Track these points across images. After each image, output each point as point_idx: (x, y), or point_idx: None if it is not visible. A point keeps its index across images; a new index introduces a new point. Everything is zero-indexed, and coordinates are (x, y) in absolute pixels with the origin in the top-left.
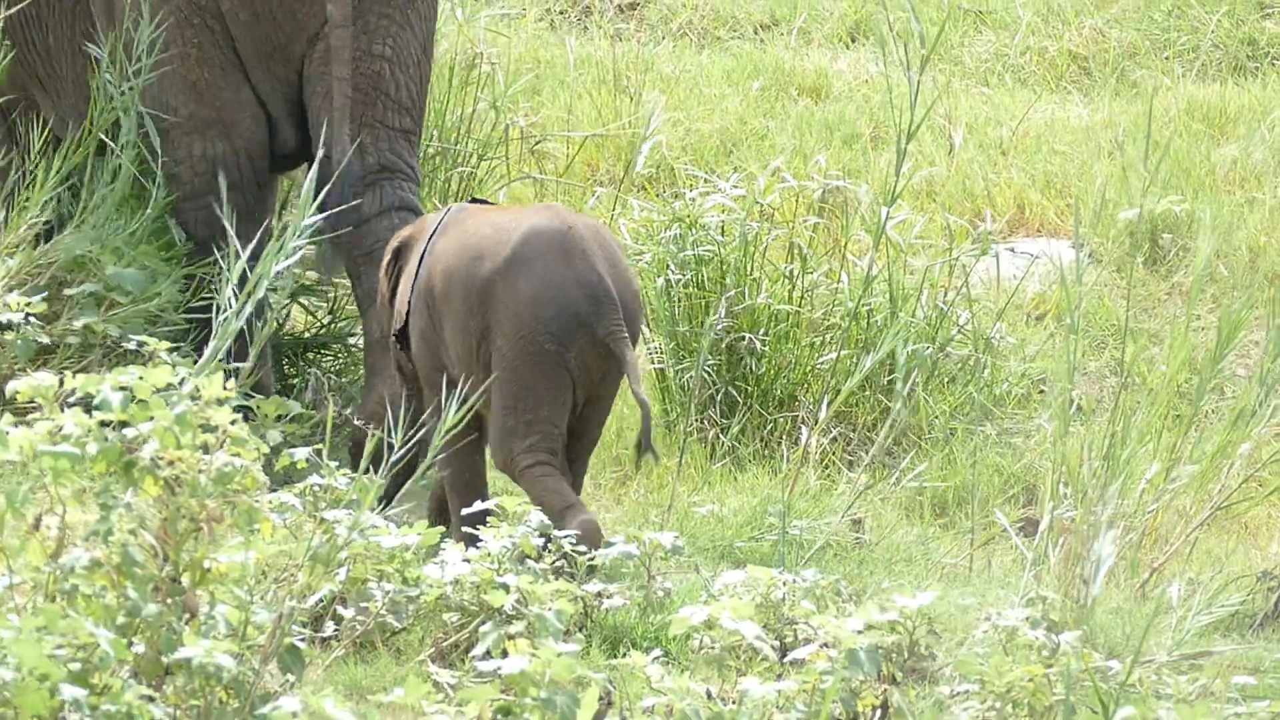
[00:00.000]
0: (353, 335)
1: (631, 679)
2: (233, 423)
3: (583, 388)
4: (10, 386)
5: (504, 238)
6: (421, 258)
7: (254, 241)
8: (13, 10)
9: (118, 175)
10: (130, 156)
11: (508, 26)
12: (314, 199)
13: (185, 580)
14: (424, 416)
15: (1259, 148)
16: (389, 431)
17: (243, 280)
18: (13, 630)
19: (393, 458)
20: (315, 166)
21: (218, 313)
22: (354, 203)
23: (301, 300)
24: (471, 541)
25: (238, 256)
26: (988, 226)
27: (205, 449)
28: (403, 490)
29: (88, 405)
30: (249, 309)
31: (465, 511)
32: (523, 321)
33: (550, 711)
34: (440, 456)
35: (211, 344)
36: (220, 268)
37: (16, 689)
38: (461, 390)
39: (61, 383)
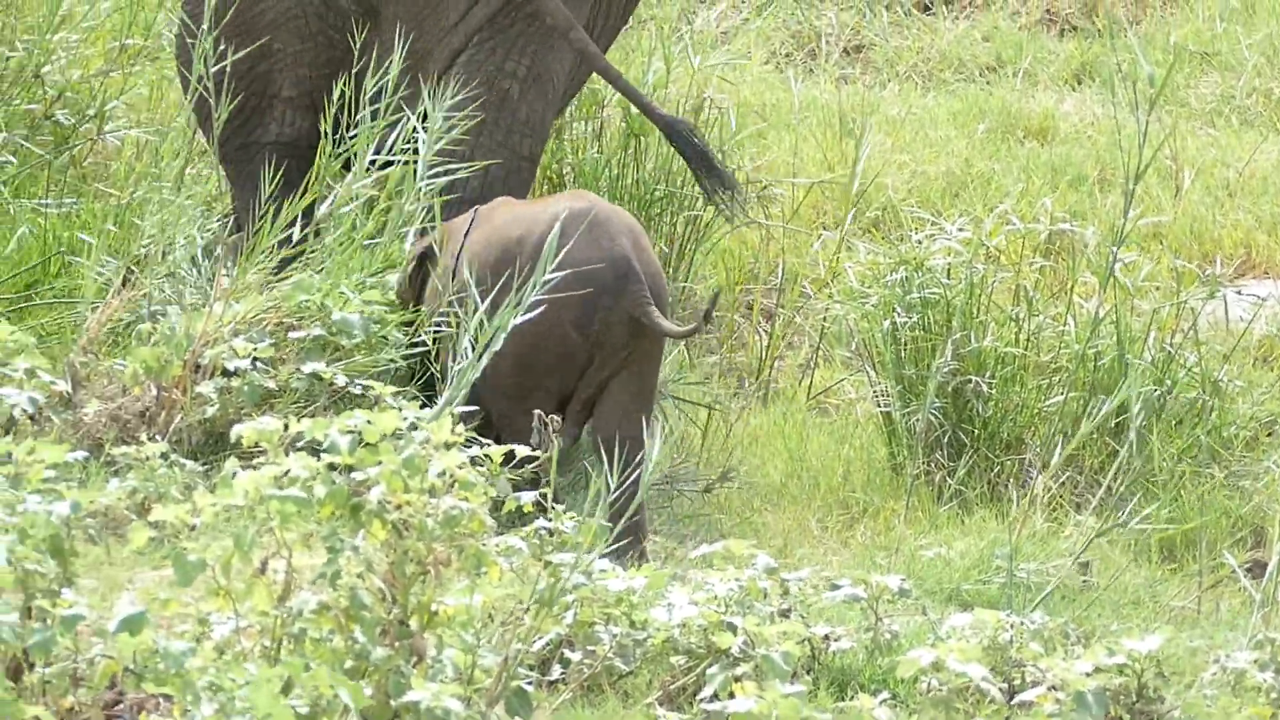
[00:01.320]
0: None
1: None
2: (460, 467)
3: (608, 362)
4: (236, 430)
5: (530, 223)
6: (457, 256)
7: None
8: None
9: (344, 220)
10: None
11: (734, 70)
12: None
13: (413, 623)
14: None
15: None
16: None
17: None
18: (250, 679)
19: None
20: None
21: (454, 360)
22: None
23: None
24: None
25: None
26: (1216, 269)
27: (432, 492)
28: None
29: (314, 449)
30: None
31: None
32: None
33: None
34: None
35: (447, 392)
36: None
37: None
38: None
39: (287, 427)
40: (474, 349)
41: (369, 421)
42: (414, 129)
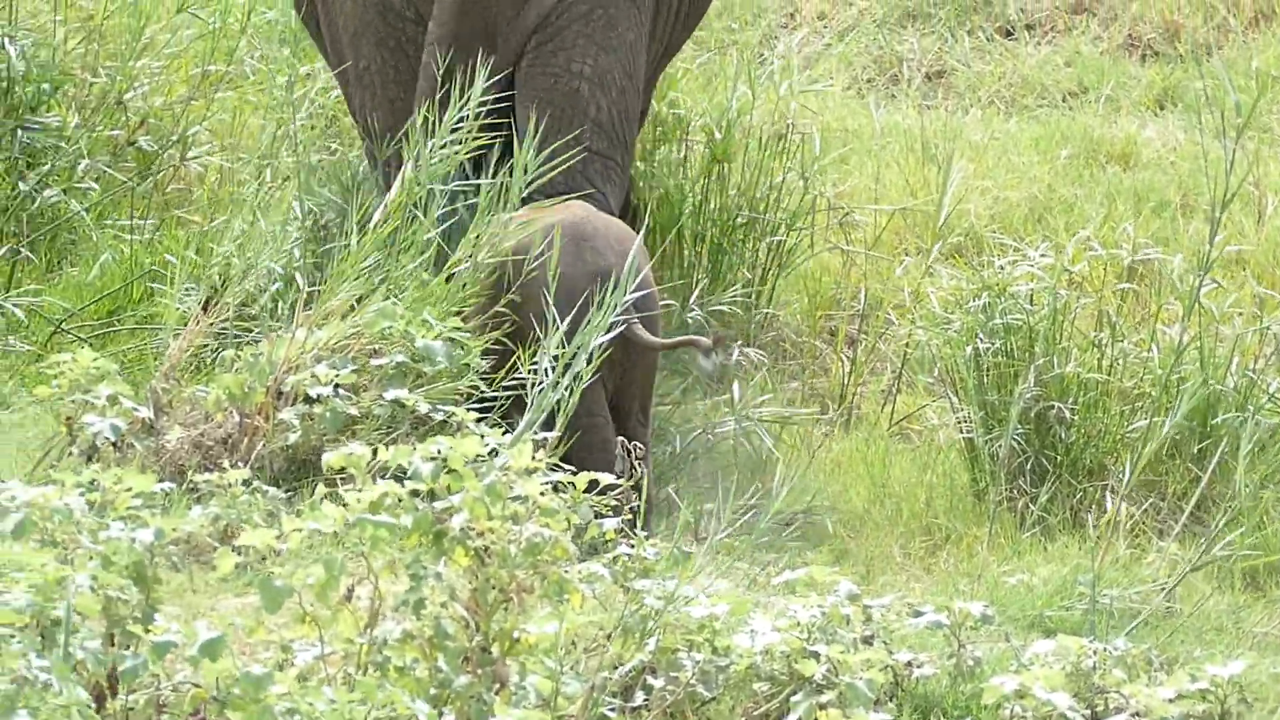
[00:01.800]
0: (668, 402)
1: None
2: (542, 493)
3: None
4: (326, 459)
5: (522, 236)
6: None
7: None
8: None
9: (427, 246)
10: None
11: (816, 96)
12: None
13: (495, 651)
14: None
15: None
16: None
17: None
18: (329, 703)
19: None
20: None
21: (532, 385)
22: None
23: None
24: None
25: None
26: None
27: (515, 519)
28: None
29: (397, 477)
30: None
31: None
32: (536, 310)
33: None
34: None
35: (527, 416)
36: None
37: None
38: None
39: (375, 453)
40: (553, 370)
41: (452, 447)
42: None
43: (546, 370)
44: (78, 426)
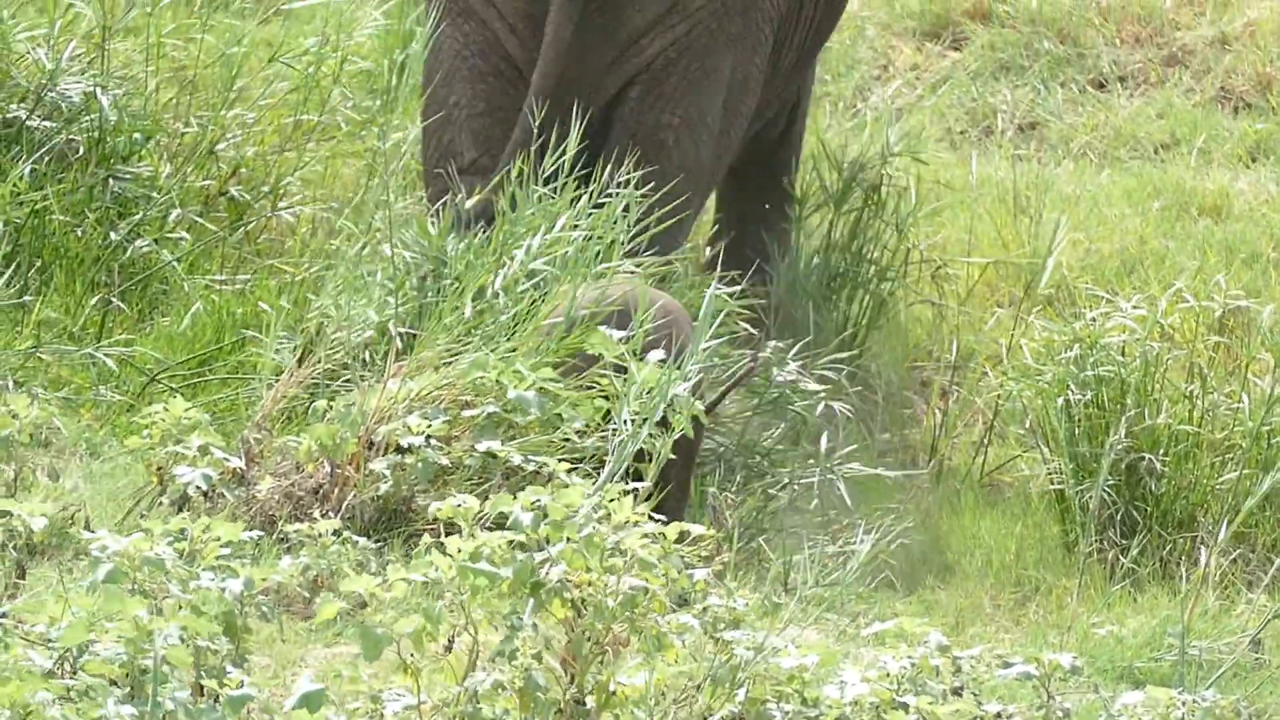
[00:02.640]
0: (757, 453)
1: None
2: (640, 545)
3: None
4: (433, 509)
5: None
6: None
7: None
8: None
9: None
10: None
11: (910, 147)
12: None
13: (590, 703)
14: None
15: None
16: None
17: None
18: None
19: None
20: None
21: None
22: None
23: None
24: None
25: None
26: None
27: (612, 571)
28: None
29: (490, 529)
30: (645, 432)
31: None
32: None
33: None
34: None
35: (608, 466)
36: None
37: None
38: None
39: (482, 504)
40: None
41: (554, 498)
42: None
43: (627, 421)
44: (169, 477)
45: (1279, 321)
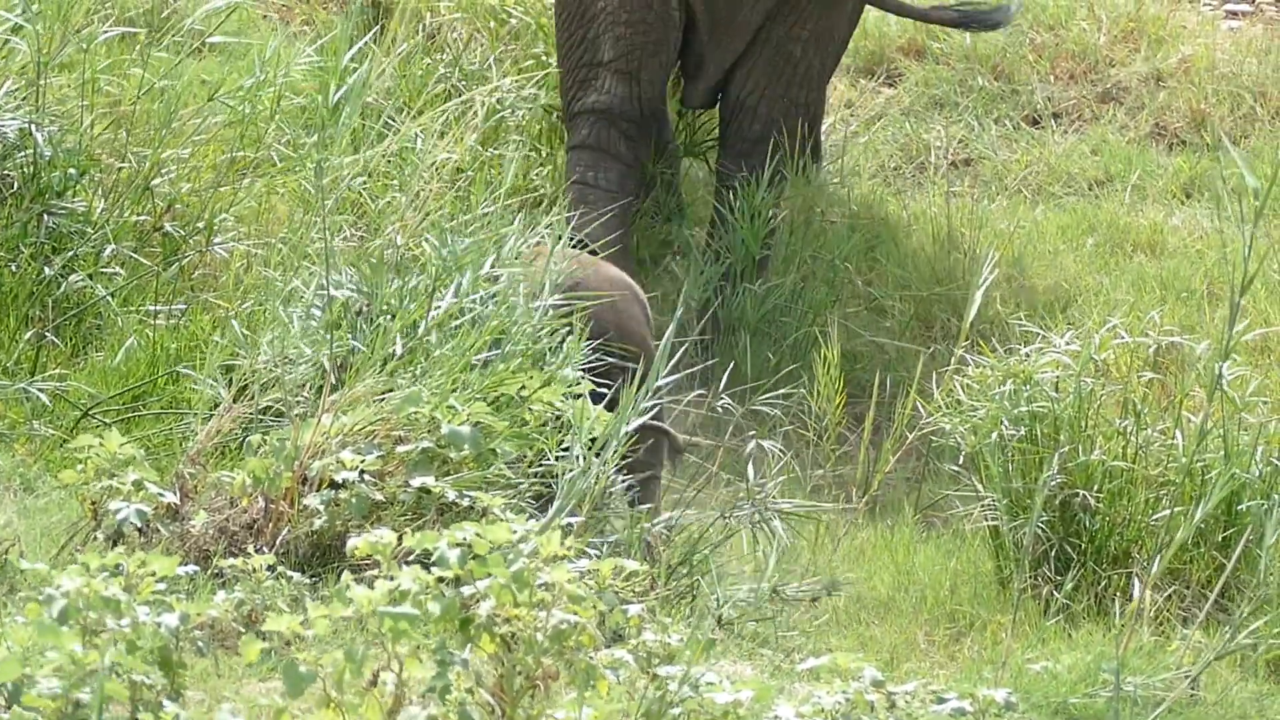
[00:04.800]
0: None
1: None
2: (569, 580)
3: None
4: (350, 544)
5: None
6: None
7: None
8: None
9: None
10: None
11: (842, 184)
12: None
13: None
14: None
15: None
16: None
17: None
18: None
19: None
20: None
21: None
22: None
23: None
24: None
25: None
26: None
27: (541, 606)
28: None
29: (423, 562)
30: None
31: None
32: None
33: None
34: None
35: (556, 503)
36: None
37: None
38: None
39: (400, 540)
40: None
41: (479, 534)
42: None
43: (578, 456)
44: (103, 511)
45: (1213, 357)
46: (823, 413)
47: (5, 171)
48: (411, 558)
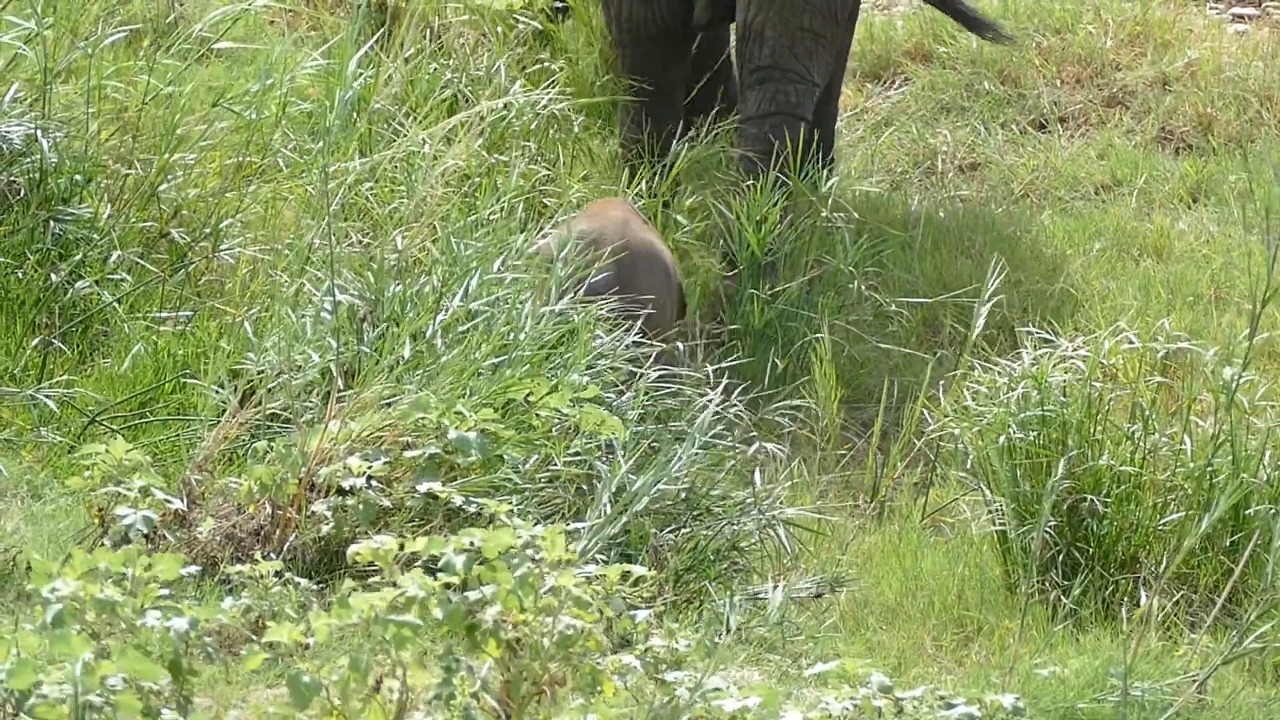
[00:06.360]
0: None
1: None
2: (575, 585)
3: None
4: (352, 550)
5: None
6: None
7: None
8: None
9: (462, 339)
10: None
11: (849, 188)
12: None
13: None
14: None
15: None
16: None
17: None
18: None
19: None
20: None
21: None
22: None
23: None
24: None
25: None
26: None
27: (547, 611)
28: None
29: (429, 568)
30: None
31: None
32: None
33: None
34: None
35: (590, 517)
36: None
37: None
38: None
39: (403, 546)
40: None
41: (485, 540)
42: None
43: (605, 506)
44: (110, 518)
45: (1221, 362)
46: (826, 418)
47: (12, 178)
48: (419, 563)
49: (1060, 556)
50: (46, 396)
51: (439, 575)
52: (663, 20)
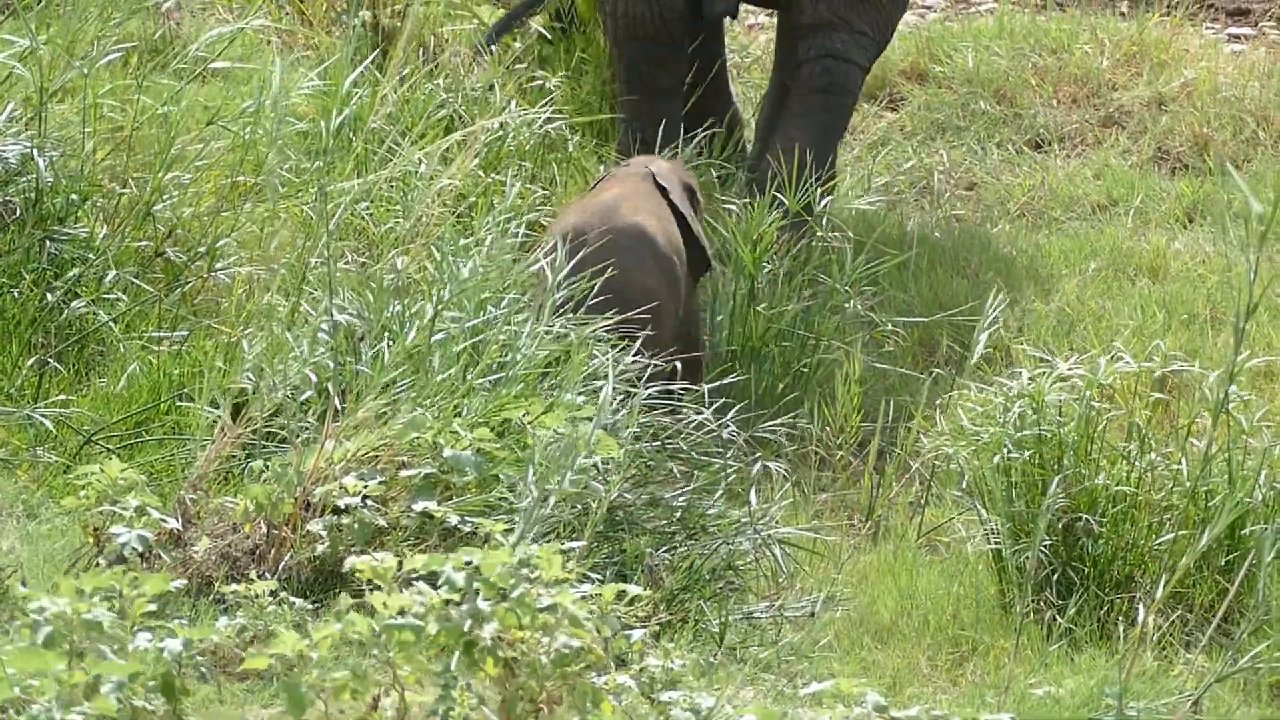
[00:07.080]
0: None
1: None
2: (572, 603)
3: None
4: (349, 563)
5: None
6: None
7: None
8: None
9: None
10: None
11: (848, 208)
12: None
13: None
14: None
15: None
16: None
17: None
18: None
19: None
20: None
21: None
22: None
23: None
24: None
25: None
26: None
27: (545, 629)
28: None
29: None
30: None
31: None
32: None
33: None
34: None
35: (518, 529)
36: None
37: None
38: None
39: (401, 563)
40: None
41: (484, 558)
42: None
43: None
44: (105, 537)
45: (1216, 381)
46: (826, 438)
47: (7, 197)
48: (415, 578)
49: (1055, 576)
50: (42, 416)
51: (439, 591)
52: (662, 17)
